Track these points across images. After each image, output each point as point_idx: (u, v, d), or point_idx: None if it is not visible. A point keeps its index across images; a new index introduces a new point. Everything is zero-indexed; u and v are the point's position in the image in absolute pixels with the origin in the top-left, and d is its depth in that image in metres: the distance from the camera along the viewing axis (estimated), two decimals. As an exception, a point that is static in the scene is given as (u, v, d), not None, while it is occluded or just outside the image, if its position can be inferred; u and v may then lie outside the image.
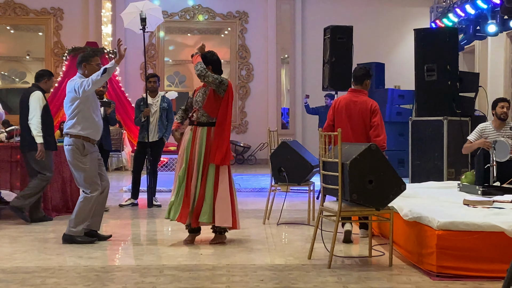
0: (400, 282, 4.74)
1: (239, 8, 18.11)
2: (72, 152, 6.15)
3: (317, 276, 4.88)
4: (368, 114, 6.47)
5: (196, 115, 6.23)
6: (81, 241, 6.16)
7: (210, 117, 6.16)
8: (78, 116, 6.17)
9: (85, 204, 6.18)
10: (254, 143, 17.71)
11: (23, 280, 4.75)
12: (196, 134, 6.15)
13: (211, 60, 6.35)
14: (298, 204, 8.83)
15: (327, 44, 10.02)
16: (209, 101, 6.15)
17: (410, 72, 10.62)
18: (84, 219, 6.18)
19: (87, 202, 6.18)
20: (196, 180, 6.07)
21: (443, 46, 9.74)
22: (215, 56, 6.42)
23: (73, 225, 6.17)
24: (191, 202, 6.06)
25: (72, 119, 6.17)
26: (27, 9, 17.69)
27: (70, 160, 6.20)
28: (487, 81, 14.81)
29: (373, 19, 17.95)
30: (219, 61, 6.45)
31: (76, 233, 6.17)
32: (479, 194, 6.36)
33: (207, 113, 6.15)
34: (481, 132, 7.57)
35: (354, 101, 6.55)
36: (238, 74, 18.16)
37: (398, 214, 5.52)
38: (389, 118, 13.61)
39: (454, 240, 4.79)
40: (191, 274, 4.93)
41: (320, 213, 5.52)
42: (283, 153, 7.39)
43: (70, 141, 6.15)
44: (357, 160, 5.06)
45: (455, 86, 9.65)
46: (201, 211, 6.04)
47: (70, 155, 6.17)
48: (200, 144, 6.10)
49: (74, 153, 6.15)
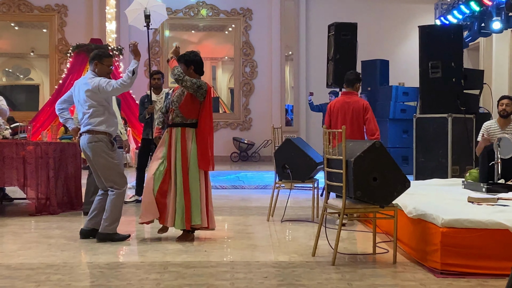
0: (404, 279, 4.74)
1: (243, 5, 18.11)
2: (103, 148, 6.11)
3: (321, 273, 4.88)
4: (361, 112, 7.35)
5: (171, 115, 6.25)
6: (117, 239, 6.16)
7: (184, 118, 6.16)
8: (104, 113, 6.16)
9: (118, 200, 6.18)
10: (258, 140, 17.71)
11: (28, 276, 4.75)
12: (171, 135, 6.18)
13: (193, 60, 6.28)
14: (302, 201, 8.82)
15: (331, 41, 10.01)
16: (185, 103, 6.15)
17: (415, 69, 10.60)
18: (119, 215, 6.20)
19: (120, 198, 6.19)
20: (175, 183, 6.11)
21: (447, 43, 9.72)
22: (198, 57, 6.34)
23: (109, 223, 6.13)
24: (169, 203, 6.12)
25: (98, 117, 6.11)
26: (31, 6, 17.71)
27: (99, 157, 6.11)
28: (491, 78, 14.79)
29: (378, 16, 17.92)
30: (201, 61, 6.39)
31: (112, 231, 6.17)
32: (484, 191, 6.35)
33: (182, 114, 6.16)
34: (487, 131, 7.57)
35: (347, 101, 7.41)
36: (242, 71, 18.16)
37: (402, 211, 5.51)
38: (393, 115, 13.60)
39: (459, 237, 4.78)
40: (195, 271, 4.93)
41: (324, 210, 5.51)
42: (287, 150, 7.39)
43: (97, 138, 6.09)
44: (361, 158, 5.05)
45: (460, 83, 9.64)
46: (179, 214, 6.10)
47: (100, 151, 6.10)
48: (175, 146, 6.12)
49: (104, 149, 6.11)
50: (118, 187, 6.17)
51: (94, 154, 6.10)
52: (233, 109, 18.49)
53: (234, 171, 14.28)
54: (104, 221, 6.12)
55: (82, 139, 6.14)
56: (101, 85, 6.08)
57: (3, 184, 7.83)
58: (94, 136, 6.08)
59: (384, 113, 13.77)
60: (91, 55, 6.33)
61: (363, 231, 6.74)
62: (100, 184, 6.30)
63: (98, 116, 6.11)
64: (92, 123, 6.09)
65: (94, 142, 6.08)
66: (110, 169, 6.13)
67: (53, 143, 8.01)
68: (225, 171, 13.86)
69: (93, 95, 6.09)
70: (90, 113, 6.10)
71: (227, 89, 19.82)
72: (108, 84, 6.05)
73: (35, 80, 19.28)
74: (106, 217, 6.12)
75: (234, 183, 11.59)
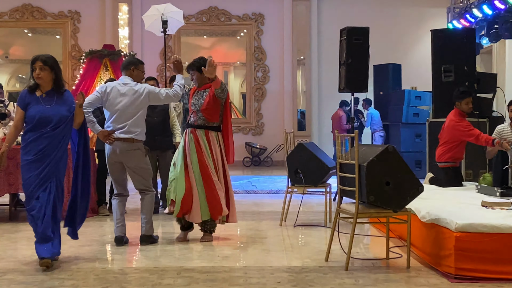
0: (418, 284, 4.72)
1: (255, 10, 18.13)
2: (142, 156, 6.32)
3: (334, 278, 4.87)
4: None
5: (194, 117, 6.43)
6: (156, 240, 6.40)
7: (207, 121, 6.40)
8: (144, 121, 6.36)
9: (152, 202, 6.42)
10: (270, 144, 17.70)
11: (42, 282, 4.78)
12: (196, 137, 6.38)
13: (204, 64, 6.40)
14: (314, 205, 8.81)
15: (343, 46, 9.98)
16: (209, 106, 6.36)
17: (427, 73, 10.57)
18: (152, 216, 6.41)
19: (152, 199, 6.44)
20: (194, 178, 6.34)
21: (460, 47, 9.69)
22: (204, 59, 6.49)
23: (150, 224, 6.33)
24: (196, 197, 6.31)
25: (140, 126, 6.28)
26: (44, 13, 17.82)
27: (139, 164, 6.29)
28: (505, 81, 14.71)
29: (390, 20, 17.88)
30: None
31: (152, 232, 6.35)
32: (498, 195, 6.32)
33: (205, 117, 6.38)
34: (500, 134, 7.53)
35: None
36: (254, 76, 18.18)
37: (415, 216, 5.50)
38: (406, 120, 13.56)
39: (473, 242, 4.76)
40: (208, 276, 4.94)
41: (337, 215, 5.50)
42: (299, 154, 7.39)
43: (137, 146, 6.25)
44: (374, 162, 5.04)
45: (473, 87, 9.59)
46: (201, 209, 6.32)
47: (141, 159, 6.30)
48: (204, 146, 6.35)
49: (142, 156, 6.32)
50: (150, 189, 6.41)
51: (132, 160, 6.26)
52: (245, 114, 18.50)
53: (246, 176, 14.28)
54: (146, 223, 6.30)
55: (119, 145, 6.19)
56: (152, 91, 6.28)
57: (16, 190, 7.87)
58: (134, 144, 6.24)
59: (397, 117, 13.73)
60: (126, 61, 6.49)
61: (376, 236, 6.72)
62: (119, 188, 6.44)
63: (139, 125, 6.28)
64: (134, 132, 6.22)
65: (133, 149, 6.24)
66: (146, 174, 6.36)
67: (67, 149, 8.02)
68: (237, 176, 13.85)
69: (143, 100, 6.25)
70: (134, 120, 6.21)
71: (239, 94, 19.82)
72: (159, 92, 6.30)
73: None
74: (147, 220, 6.31)
75: (246, 188, 11.59)
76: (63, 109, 5.31)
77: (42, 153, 5.21)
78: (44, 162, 5.21)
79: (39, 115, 5.21)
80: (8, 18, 17.72)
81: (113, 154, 6.24)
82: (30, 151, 5.22)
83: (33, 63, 5.31)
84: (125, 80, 6.30)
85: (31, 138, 5.23)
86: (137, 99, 6.21)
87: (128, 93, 6.21)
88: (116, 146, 6.19)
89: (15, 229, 7.28)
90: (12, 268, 5.23)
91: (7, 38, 18.35)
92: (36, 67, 5.28)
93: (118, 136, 6.18)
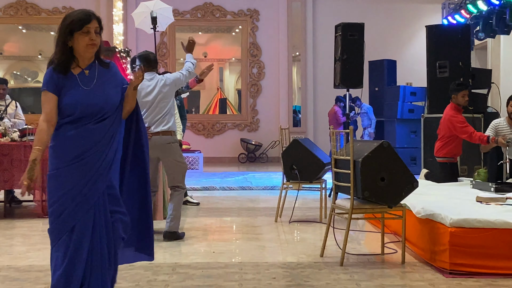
0: (413, 279, 4.73)
1: (250, 6, 18.11)
2: (179, 150, 6.31)
3: (329, 273, 4.87)
4: None
5: None
6: (181, 236, 6.33)
7: None
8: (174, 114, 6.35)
9: (181, 199, 6.37)
10: (266, 141, 17.70)
11: (37, 278, 4.77)
12: None
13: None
14: (310, 201, 8.82)
15: (338, 42, 9.99)
16: None
17: (422, 69, 10.57)
18: (180, 214, 6.34)
19: (182, 197, 6.39)
20: None
21: (455, 42, 9.69)
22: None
23: (175, 221, 6.27)
24: None
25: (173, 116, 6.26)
26: (38, 9, 17.77)
27: (176, 157, 6.23)
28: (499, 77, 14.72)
29: (385, 16, 17.87)
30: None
31: (177, 229, 6.30)
32: (492, 191, 6.33)
33: None
34: (496, 128, 7.54)
35: None
36: (249, 72, 18.16)
37: (410, 211, 5.50)
38: (401, 115, 13.57)
39: (467, 237, 4.77)
40: (203, 272, 4.94)
41: (332, 211, 5.51)
42: (294, 151, 7.39)
43: (174, 139, 6.22)
44: (369, 158, 5.04)
45: (468, 83, 9.60)
46: None
47: (178, 152, 6.27)
48: None
49: (180, 151, 6.31)
50: (183, 187, 6.34)
51: (171, 154, 6.20)
52: (240, 110, 18.48)
53: (241, 172, 14.27)
54: (172, 220, 6.24)
55: (157, 140, 6.10)
56: (175, 77, 6.28)
57: (11, 186, 7.85)
58: (172, 137, 6.20)
59: (392, 113, 13.74)
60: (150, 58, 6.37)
61: (371, 232, 6.73)
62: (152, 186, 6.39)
63: (173, 115, 6.25)
64: (170, 124, 6.18)
65: (172, 142, 6.19)
66: (182, 169, 6.29)
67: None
68: (232, 172, 13.86)
69: (172, 88, 6.25)
70: (168, 111, 6.19)
71: (234, 91, 19.80)
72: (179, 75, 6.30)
73: (43, 83, 19.34)
74: (174, 216, 6.24)
75: (241, 184, 11.58)
76: (111, 91, 3.64)
77: (84, 156, 3.54)
78: (87, 170, 3.53)
79: (80, 101, 3.53)
80: (2, 15, 17.65)
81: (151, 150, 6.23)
82: (65, 155, 3.56)
83: (83, 23, 3.57)
84: (151, 75, 6.26)
85: (67, 134, 3.56)
86: (167, 89, 6.20)
87: (157, 86, 6.19)
88: (154, 141, 6.03)
89: (10, 225, 7.26)
90: (7, 265, 5.22)
91: (1, 35, 18.28)
92: (90, 29, 3.60)
93: (155, 130, 6.11)
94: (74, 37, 3.53)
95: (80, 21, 3.53)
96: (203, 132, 17.79)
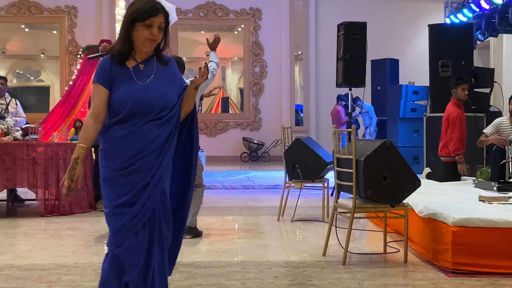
0: (415, 278, 4.73)
1: (252, 5, 18.11)
2: None
3: (332, 272, 4.87)
4: None
5: None
6: (200, 232, 6.36)
7: None
8: None
9: (202, 195, 6.39)
10: (268, 140, 17.70)
11: (39, 277, 4.78)
12: None
13: None
14: (312, 200, 8.82)
15: (340, 41, 9.99)
16: None
17: (425, 68, 10.58)
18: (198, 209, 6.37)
19: (202, 193, 6.40)
20: None
21: (457, 41, 9.69)
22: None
23: (195, 216, 6.31)
24: None
25: None
26: (41, 8, 17.78)
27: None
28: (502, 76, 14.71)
29: (387, 15, 17.87)
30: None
31: (195, 223, 6.32)
32: (495, 190, 6.33)
33: None
34: (497, 127, 7.54)
35: None
36: (251, 71, 18.16)
37: (413, 210, 5.50)
38: (403, 115, 13.56)
39: (470, 236, 4.77)
40: (206, 271, 4.94)
41: (334, 210, 5.51)
42: (297, 150, 7.38)
43: None
44: (371, 157, 5.04)
45: (470, 82, 9.60)
46: None
47: None
48: None
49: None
50: (202, 183, 6.38)
51: None
52: (242, 109, 18.48)
53: (244, 171, 14.28)
54: (193, 215, 6.24)
55: None
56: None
57: (14, 185, 7.86)
58: None
59: (394, 112, 13.73)
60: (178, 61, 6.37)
61: (374, 231, 6.73)
62: None
63: None
64: None
65: None
66: (199, 170, 6.30)
67: (63, 144, 8.03)
68: (235, 171, 13.86)
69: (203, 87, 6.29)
70: None
71: (236, 89, 19.81)
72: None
73: (46, 82, 19.35)
74: (194, 211, 6.24)
75: (244, 183, 11.58)
76: (168, 88, 3.33)
77: (137, 160, 3.21)
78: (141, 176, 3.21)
79: (134, 97, 3.23)
80: (4, 13, 17.67)
81: None
82: (117, 157, 3.22)
83: (147, 16, 3.23)
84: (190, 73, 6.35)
85: (119, 134, 3.23)
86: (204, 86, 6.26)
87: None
88: None
89: (12, 224, 7.27)
90: (10, 264, 5.22)
91: (3, 33, 18.32)
92: (154, 23, 3.24)
93: None
94: (135, 27, 3.24)
95: (144, 12, 3.21)
96: (206, 131, 17.79)
